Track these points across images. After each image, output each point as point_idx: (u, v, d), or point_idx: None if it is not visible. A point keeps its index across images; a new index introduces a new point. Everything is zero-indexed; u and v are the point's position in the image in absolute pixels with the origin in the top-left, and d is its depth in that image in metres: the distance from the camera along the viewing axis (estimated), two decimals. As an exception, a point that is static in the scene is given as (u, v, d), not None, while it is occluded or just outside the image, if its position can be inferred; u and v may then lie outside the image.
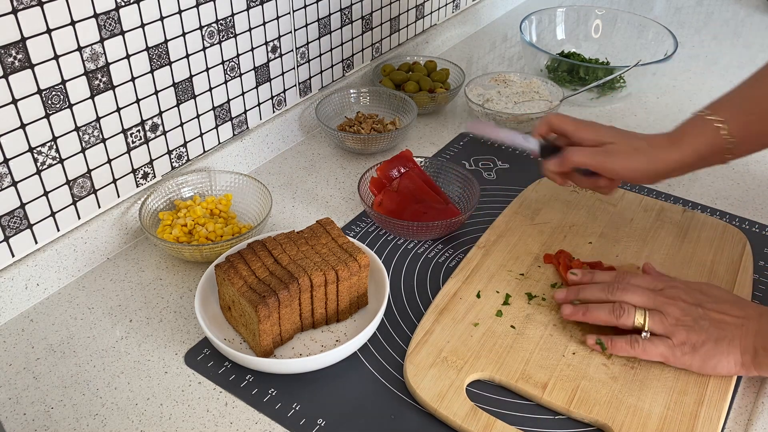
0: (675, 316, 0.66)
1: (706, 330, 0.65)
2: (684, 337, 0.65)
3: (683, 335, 0.65)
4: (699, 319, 0.66)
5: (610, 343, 0.68)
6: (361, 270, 0.72)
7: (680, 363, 0.66)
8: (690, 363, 0.66)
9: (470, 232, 0.88)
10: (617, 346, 0.68)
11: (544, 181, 0.95)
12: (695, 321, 0.66)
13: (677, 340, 0.66)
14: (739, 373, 0.66)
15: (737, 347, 0.65)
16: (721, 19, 1.56)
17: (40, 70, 0.71)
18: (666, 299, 0.68)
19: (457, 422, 0.63)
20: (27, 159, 0.73)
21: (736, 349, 0.65)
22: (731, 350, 0.65)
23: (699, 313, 0.66)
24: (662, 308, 0.67)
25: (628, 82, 1.19)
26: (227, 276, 0.69)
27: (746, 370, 0.65)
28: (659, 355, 0.66)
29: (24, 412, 0.66)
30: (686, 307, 0.67)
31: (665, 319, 0.67)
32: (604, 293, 0.70)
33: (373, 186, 0.90)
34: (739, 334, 0.65)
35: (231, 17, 0.90)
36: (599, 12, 1.36)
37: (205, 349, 0.72)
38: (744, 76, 0.75)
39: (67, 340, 0.74)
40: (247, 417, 0.65)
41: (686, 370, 0.67)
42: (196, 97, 0.90)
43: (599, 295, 0.71)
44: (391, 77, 1.16)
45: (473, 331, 0.72)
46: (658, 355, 0.66)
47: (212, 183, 0.91)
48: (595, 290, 0.71)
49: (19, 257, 0.76)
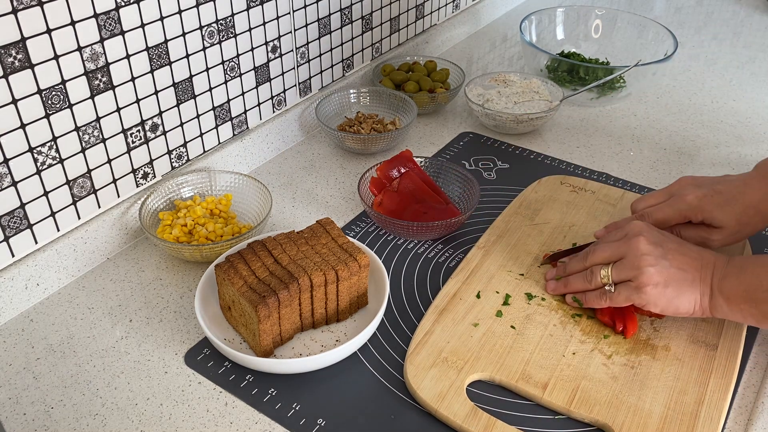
0: (636, 257, 0.68)
1: (668, 270, 0.67)
2: (646, 278, 0.67)
3: (645, 276, 0.67)
4: (660, 259, 0.67)
5: (584, 298, 0.73)
6: (361, 270, 0.72)
7: (645, 304, 0.68)
8: (655, 302, 0.67)
9: (470, 232, 0.88)
10: (589, 300, 0.72)
11: (543, 181, 0.95)
12: (657, 260, 0.67)
13: (640, 282, 0.67)
14: (696, 315, 0.68)
15: (697, 289, 0.67)
16: (721, 19, 1.57)
17: (40, 70, 0.71)
18: (627, 244, 0.69)
19: (458, 422, 0.63)
20: (27, 159, 0.73)
21: (696, 291, 0.67)
22: (692, 291, 0.67)
23: (660, 252, 0.67)
24: (624, 253, 0.69)
25: (628, 82, 1.19)
26: (227, 276, 0.69)
27: (702, 311, 0.67)
28: (626, 299, 0.69)
29: (24, 411, 0.66)
30: (647, 246, 0.68)
31: (627, 263, 0.68)
32: (581, 262, 0.74)
33: (373, 186, 0.90)
34: (699, 276, 0.67)
35: (231, 17, 0.90)
36: (599, 12, 1.36)
37: (205, 349, 0.72)
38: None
39: (67, 340, 0.74)
40: (247, 417, 0.65)
41: (686, 370, 0.67)
42: (196, 97, 0.90)
43: (578, 266, 0.74)
44: (391, 77, 1.16)
45: (473, 332, 0.72)
46: (624, 300, 0.69)
47: (212, 183, 0.91)
48: (575, 261, 0.75)
49: (19, 257, 0.76)
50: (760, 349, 0.72)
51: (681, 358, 0.69)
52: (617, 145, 1.08)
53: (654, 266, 0.67)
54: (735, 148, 1.07)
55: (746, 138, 1.10)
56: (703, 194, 0.75)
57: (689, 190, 0.76)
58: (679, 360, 0.69)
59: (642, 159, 1.04)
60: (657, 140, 1.09)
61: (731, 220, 0.74)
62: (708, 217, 0.75)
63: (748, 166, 1.02)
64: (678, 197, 0.77)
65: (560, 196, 0.92)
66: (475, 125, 1.13)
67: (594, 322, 0.73)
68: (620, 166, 1.02)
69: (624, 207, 0.90)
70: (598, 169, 1.01)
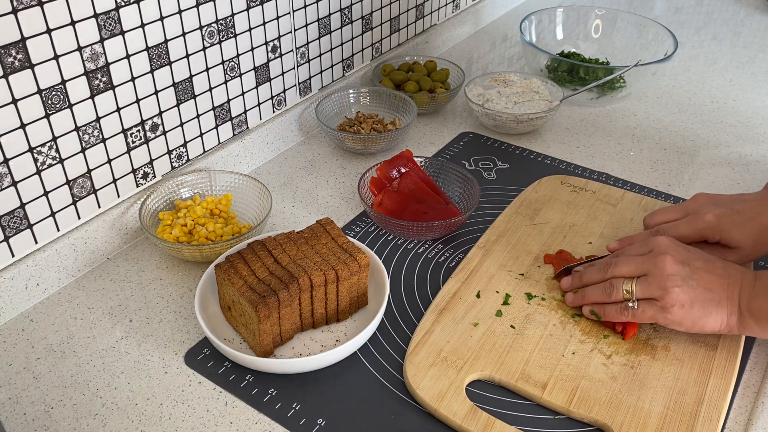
0: (663, 276, 0.66)
1: (695, 289, 0.66)
2: (673, 298, 0.66)
3: (672, 297, 0.66)
4: (687, 279, 0.66)
5: (603, 311, 0.70)
6: (361, 270, 0.72)
7: (670, 324, 0.67)
8: (680, 323, 0.67)
9: (470, 232, 0.88)
10: (609, 314, 0.70)
11: (544, 181, 0.95)
12: (684, 281, 0.66)
13: (666, 302, 0.66)
14: (723, 332, 0.67)
15: (724, 308, 0.66)
16: (721, 19, 1.56)
17: (40, 70, 0.71)
18: (653, 261, 0.68)
19: (457, 422, 0.63)
20: (27, 159, 0.73)
21: (724, 310, 0.66)
22: (719, 311, 0.66)
23: (687, 272, 0.66)
24: (650, 271, 0.68)
25: (628, 82, 1.19)
26: (227, 276, 0.69)
27: (729, 329, 0.66)
28: (650, 318, 0.68)
29: (24, 411, 0.66)
30: (674, 266, 0.67)
31: (653, 282, 0.67)
32: (599, 273, 0.72)
33: (373, 186, 0.90)
34: (726, 296, 0.66)
35: (231, 17, 0.90)
36: (599, 12, 1.36)
37: (205, 349, 0.72)
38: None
39: (67, 340, 0.74)
40: (247, 417, 0.65)
41: (686, 370, 0.67)
42: (196, 97, 0.90)
43: (596, 277, 0.72)
44: (391, 77, 1.16)
45: (473, 331, 0.72)
46: (648, 318, 0.68)
47: (212, 183, 0.91)
48: (593, 272, 0.73)
49: (19, 257, 0.76)
50: (760, 349, 0.72)
51: (681, 358, 0.69)
52: (617, 145, 1.08)
53: (680, 287, 0.65)
54: (735, 148, 1.07)
55: (746, 138, 1.10)
56: (722, 213, 0.74)
57: (707, 209, 0.75)
58: (678, 360, 0.69)
59: (642, 159, 1.04)
60: (657, 140, 1.09)
61: (748, 240, 0.73)
62: (726, 237, 0.74)
63: (748, 166, 1.02)
64: (696, 216, 0.75)
65: (560, 196, 0.92)
66: (475, 125, 1.13)
67: (593, 322, 0.73)
68: (620, 166, 1.02)
69: (624, 207, 0.90)
70: (598, 169, 1.01)
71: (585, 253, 0.82)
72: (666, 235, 0.75)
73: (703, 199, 0.77)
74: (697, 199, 0.77)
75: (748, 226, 0.73)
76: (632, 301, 0.68)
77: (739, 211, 0.74)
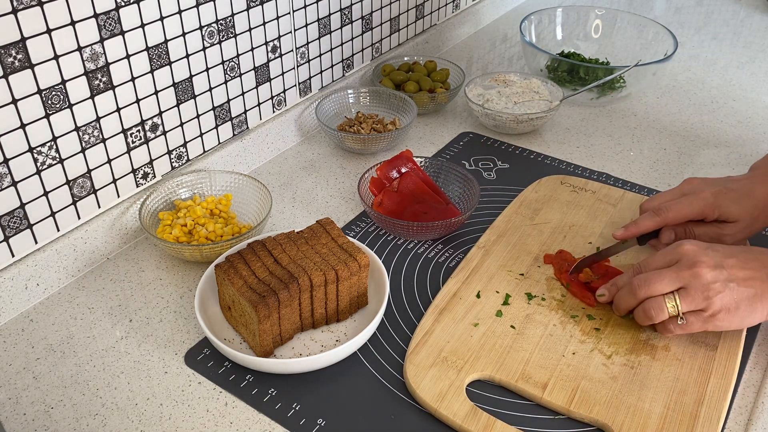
0: (703, 286, 0.66)
1: (737, 291, 0.66)
2: (719, 305, 0.66)
3: (717, 304, 0.66)
4: (727, 282, 0.66)
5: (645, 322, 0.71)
6: (361, 270, 0.72)
7: (719, 328, 0.68)
8: (729, 325, 0.67)
9: (470, 232, 0.88)
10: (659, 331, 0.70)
11: (544, 181, 0.95)
12: (724, 285, 0.66)
13: (714, 311, 0.66)
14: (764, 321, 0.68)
15: (767, 300, 0.66)
16: (721, 19, 1.57)
17: (40, 70, 0.71)
18: (689, 272, 0.67)
19: (457, 422, 0.63)
20: (27, 159, 0.73)
21: (766, 302, 0.66)
22: (763, 304, 0.66)
23: (725, 276, 0.66)
24: (688, 284, 0.67)
25: (628, 82, 1.19)
26: (227, 276, 0.69)
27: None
28: (700, 328, 0.68)
29: (24, 412, 0.66)
30: (710, 273, 0.66)
31: (695, 294, 0.66)
32: (632, 298, 0.70)
33: (373, 186, 0.90)
34: (766, 287, 0.66)
35: (231, 17, 0.90)
36: (599, 12, 1.36)
37: (205, 349, 0.72)
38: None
39: (67, 340, 0.74)
40: (247, 417, 0.65)
41: (686, 370, 0.67)
42: (196, 97, 0.90)
43: (630, 303, 0.70)
44: (391, 77, 1.16)
45: (473, 331, 0.72)
46: (697, 329, 0.68)
47: (212, 183, 0.91)
48: (626, 298, 0.71)
49: (19, 257, 0.76)
50: (760, 349, 0.72)
51: (681, 359, 0.69)
52: (617, 145, 1.08)
53: (723, 292, 0.65)
54: (735, 148, 1.07)
55: (746, 138, 1.10)
56: (718, 191, 0.76)
57: (703, 188, 0.77)
58: (678, 360, 0.69)
59: (642, 159, 1.04)
60: (657, 140, 1.09)
61: (745, 214, 0.76)
62: (724, 213, 0.76)
63: (748, 166, 1.02)
64: (694, 195, 0.77)
65: (560, 196, 0.92)
66: (475, 125, 1.13)
67: (594, 322, 0.73)
68: (620, 166, 1.02)
69: (624, 207, 0.90)
70: (598, 169, 1.01)
71: (585, 253, 0.82)
72: (667, 214, 0.76)
73: (696, 181, 0.79)
74: (691, 182, 0.79)
75: (743, 200, 0.76)
76: (680, 317, 0.67)
77: (733, 188, 0.77)
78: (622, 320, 0.73)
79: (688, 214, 0.77)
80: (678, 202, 0.77)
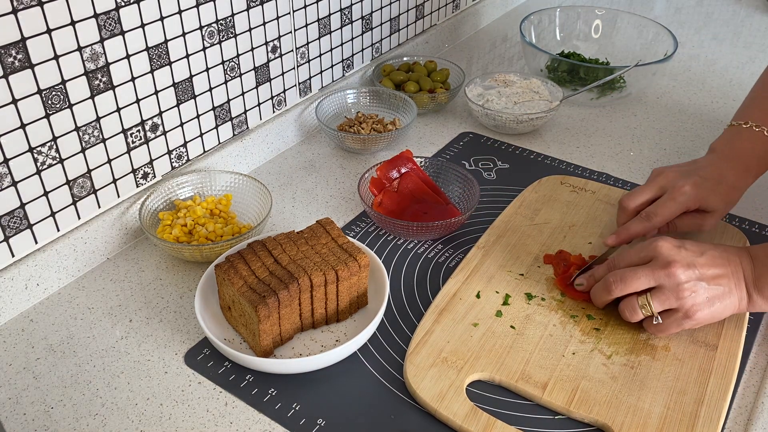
0: (677, 286, 0.67)
1: (707, 290, 0.67)
2: (690, 303, 0.67)
3: (689, 302, 0.67)
4: (699, 281, 0.67)
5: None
6: (361, 270, 0.72)
7: (695, 326, 0.69)
8: (702, 321, 0.68)
9: (470, 232, 0.88)
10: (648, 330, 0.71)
11: (544, 181, 0.95)
12: (697, 284, 0.67)
13: (688, 311, 0.67)
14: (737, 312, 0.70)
15: (735, 295, 0.68)
16: (721, 19, 1.57)
17: (40, 70, 0.71)
18: (663, 271, 0.68)
19: (457, 422, 0.63)
20: (27, 159, 0.73)
21: (735, 297, 0.68)
22: (732, 299, 0.68)
23: (696, 275, 0.67)
24: (662, 283, 0.68)
25: (628, 82, 1.19)
26: (227, 276, 0.69)
27: (740, 310, 0.70)
28: (677, 327, 0.69)
29: (24, 411, 0.66)
30: (684, 273, 0.67)
31: (669, 294, 0.68)
32: (607, 294, 0.72)
33: (373, 186, 0.90)
34: (734, 284, 0.68)
35: (231, 17, 0.90)
36: (599, 12, 1.36)
37: (205, 349, 0.72)
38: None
39: (67, 340, 0.74)
40: (247, 417, 0.65)
41: (686, 369, 0.68)
42: (196, 97, 0.90)
43: (606, 299, 0.72)
44: (391, 77, 1.16)
45: (473, 332, 0.72)
46: (676, 328, 0.69)
47: (212, 183, 0.91)
48: (600, 293, 0.73)
49: (19, 257, 0.76)
50: (760, 350, 0.72)
51: (681, 359, 0.69)
52: (617, 145, 1.08)
53: (696, 291, 0.67)
54: (735, 148, 1.07)
55: (746, 138, 1.09)
56: (695, 182, 0.78)
57: (681, 181, 0.78)
58: (678, 360, 0.69)
59: (642, 159, 1.04)
60: (657, 140, 1.09)
61: (721, 202, 0.78)
62: (704, 204, 0.78)
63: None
64: (675, 190, 0.78)
65: (560, 196, 0.92)
66: (475, 125, 1.13)
67: (593, 322, 0.73)
68: (620, 166, 1.02)
69: (624, 207, 0.90)
70: (598, 169, 1.01)
71: (585, 253, 0.82)
72: (657, 218, 0.77)
73: (669, 174, 0.80)
74: (664, 174, 0.80)
75: (718, 188, 0.78)
76: (654, 317, 0.69)
77: (707, 177, 0.78)
78: (622, 320, 0.73)
79: (675, 213, 0.78)
80: (664, 205, 0.78)
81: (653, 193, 0.80)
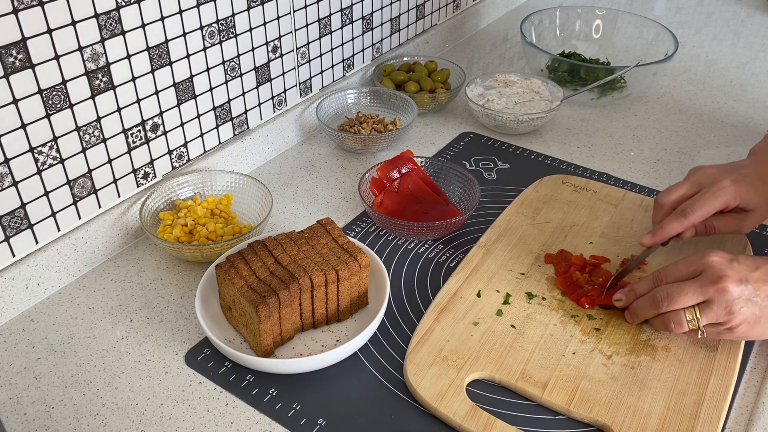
0: (728, 302, 0.65)
1: (758, 305, 0.65)
2: (740, 319, 0.65)
3: (739, 318, 0.65)
4: (751, 297, 0.65)
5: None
6: (362, 270, 0.72)
7: (736, 339, 0.68)
8: (747, 336, 0.67)
9: (471, 232, 0.88)
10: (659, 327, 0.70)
11: (545, 180, 0.95)
12: (748, 300, 0.65)
13: (734, 324, 0.65)
14: None
15: None
16: (721, 19, 1.56)
17: (41, 70, 0.71)
18: (713, 287, 0.65)
19: (457, 421, 0.63)
20: (27, 159, 0.73)
21: None
22: None
23: (749, 291, 0.65)
24: (712, 298, 0.65)
25: (629, 82, 1.19)
26: (228, 276, 0.69)
27: None
28: (714, 337, 0.68)
29: (24, 411, 0.66)
30: (736, 289, 0.65)
31: (718, 309, 0.65)
32: (654, 310, 0.69)
33: (373, 186, 0.90)
34: None
35: (231, 17, 0.90)
36: (599, 12, 1.36)
37: (205, 349, 0.72)
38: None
39: (67, 339, 0.74)
40: (247, 417, 0.65)
41: (686, 370, 0.68)
42: (197, 97, 0.90)
43: (651, 314, 0.70)
44: (391, 77, 1.16)
45: (473, 331, 0.72)
46: (712, 337, 0.68)
47: (212, 183, 0.91)
48: (646, 309, 0.70)
49: (19, 257, 0.76)
50: (760, 350, 0.72)
51: (681, 359, 0.69)
52: (617, 145, 1.08)
53: (746, 307, 0.65)
54: (735, 148, 1.07)
55: (747, 138, 1.09)
56: (735, 178, 0.74)
57: (720, 176, 0.75)
58: (679, 361, 0.69)
59: (642, 159, 1.04)
60: (657, 140, 1.09)
61: (762, 200, 0.74)
62: (744, 200, 0.74)
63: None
64: (714, 186, 0.74)
65: (561, 196, 0.92)
66: (475, 125, 1.13)
67: (594, 322, 0.73)
68: (621, 166, 1.02)
69: (625, 207, 0.90)
70: (599, 169, 1.01)
71: (586, 253, 0.82)
72: (694, 214, 0.74)
73: (709, 170, 0.77)
74: (703, 171, 0.77)
75: (758, 186, 0.74)
76: (700, 331, 0.67)
77: (747, 174, 0.75)
78: (622, 321, 0.73)
79: (712, 210, 0.74)
80: (701, 200, 0.74)
81: (690, 188, 0.76)
